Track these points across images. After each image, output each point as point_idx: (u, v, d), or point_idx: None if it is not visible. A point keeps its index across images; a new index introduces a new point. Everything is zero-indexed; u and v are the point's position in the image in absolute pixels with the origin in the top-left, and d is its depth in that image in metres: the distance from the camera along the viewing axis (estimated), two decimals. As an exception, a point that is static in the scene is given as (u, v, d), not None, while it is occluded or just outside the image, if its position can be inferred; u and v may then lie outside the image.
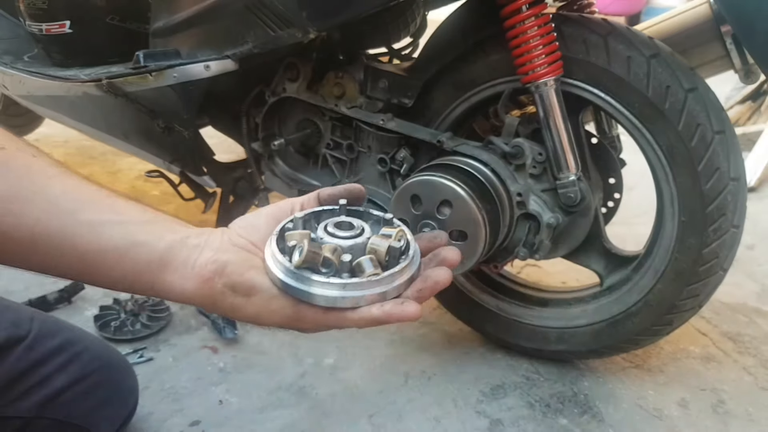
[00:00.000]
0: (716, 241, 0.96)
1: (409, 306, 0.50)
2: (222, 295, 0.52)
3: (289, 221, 0.55)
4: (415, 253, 0.54)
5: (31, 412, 0.77)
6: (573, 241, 1.08)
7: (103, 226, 0.52)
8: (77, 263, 0.52)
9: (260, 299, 0.52)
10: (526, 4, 0.91)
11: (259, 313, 0.52)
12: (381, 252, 0.51)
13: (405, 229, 0.55)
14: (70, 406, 0.81)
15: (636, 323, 1.06)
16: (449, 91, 1.09)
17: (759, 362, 1.25)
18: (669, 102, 0.91)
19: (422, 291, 0.52)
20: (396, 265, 0.51)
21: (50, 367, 0.79)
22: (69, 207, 0.51)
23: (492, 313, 1.22)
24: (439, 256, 0.56)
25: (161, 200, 1.98)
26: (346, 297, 0.49)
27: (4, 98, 2.10)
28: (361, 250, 0.52)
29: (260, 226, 0.56)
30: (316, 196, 0.59)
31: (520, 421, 1.05)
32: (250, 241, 0.55)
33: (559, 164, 0.98)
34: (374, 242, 0.52)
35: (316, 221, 0.57)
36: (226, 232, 0.56)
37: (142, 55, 1.10)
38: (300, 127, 1.26)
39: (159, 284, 0.53)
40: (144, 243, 0.52)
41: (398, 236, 0.54)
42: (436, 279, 0.53)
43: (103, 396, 0.85)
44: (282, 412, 1.04)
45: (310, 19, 0.95)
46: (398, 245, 0.52)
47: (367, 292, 0.49)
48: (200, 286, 0.52)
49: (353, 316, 0.50)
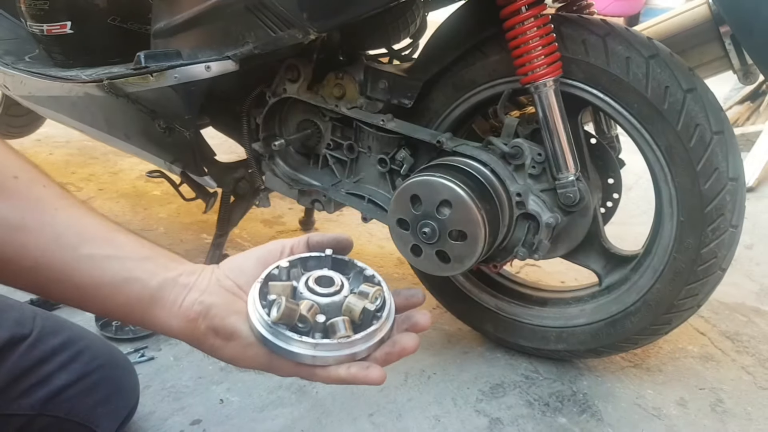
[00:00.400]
0: (715, 241, 0.96)
1: (374, 372, 0.54)
2: (204, 336, 0.56)
3: (275, 267, 0.58)
4: (389, 314, 0.57)
5: (33, 410, 0.78)
6: (572, 241, 1.08)
7: (101, 260, 0.55)
8: (74, 294, 0.55)
9: (238, 345, 0.55)
10: (525, 5, 0.91)
11: (236, 357, 0.56)
12: (356, 312, 0.55)
13: (384, 287, 0.58)
14: (72, 404, 0.82)
15: (635, 323, 1.07)
16: (449, 92, 1.09)
17: (757, 361, 1.25)
18: (668, 102, 0.92)
19: (390, 355, 0.56)
20: (369, 326, 0.55)
21: (52, 365, 0.81)
22: (72, 241, 0.54)
23: (491, 313, 1.23)
24: (411, 320, 0.60)
25: (162, 200, 1.98)
26: (317, 356, 0.53)
27: (6, 99, 2.10)
28: (336, 309, 0.55)
29: (248, 270, 0.59)
30: (306, 241, 0.62)
31: (519, 419, 1.05)
32: (236, 284, 0.58)
33: (558, 164, 0.98)
34: (350, 302, 0.55)
35: (302, 267, 0.60)
36: (215, 271, 0.59)
37: (143, 56, 1.10)
38: (300, 127, 1.26)
39: (148, 319, 0.56)
40: (138, 279, 0.55)
41: (375, 296, 0.56)
42: (403, 345, 0.56)
43: (104, 393, 0.86)
44: (282, 411, 1.05)
45: (311, 20, 0.95)
46: (372, 307, 0.55)
47: (337, 354, 0.53)
48: (185, 326, 0.56)
49: (322, 373, 0.54)
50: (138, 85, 1.15)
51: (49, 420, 0.79)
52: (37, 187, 0.56)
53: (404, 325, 0.59)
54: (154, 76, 1.11)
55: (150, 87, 1.13)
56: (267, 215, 1.90)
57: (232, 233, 1.68)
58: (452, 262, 1.00)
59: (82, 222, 0.56)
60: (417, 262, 1.05)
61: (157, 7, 1.16)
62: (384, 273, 1.57)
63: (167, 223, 1.81)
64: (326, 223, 1.88)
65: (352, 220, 1.89)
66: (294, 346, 0.52)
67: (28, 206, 0.54)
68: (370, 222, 1.22)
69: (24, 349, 0.78)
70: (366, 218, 1.22)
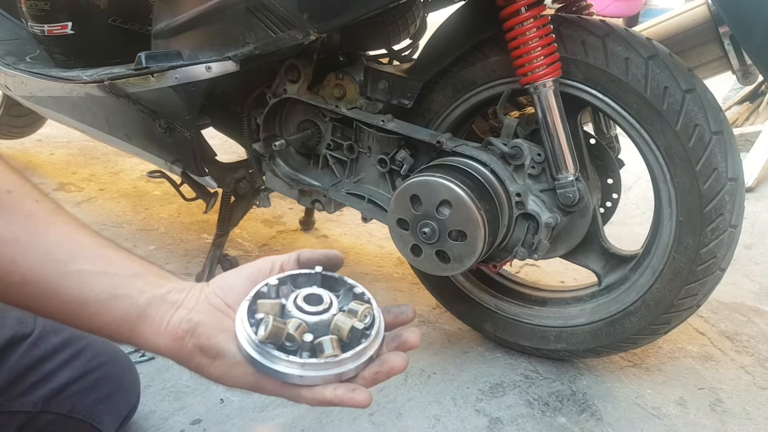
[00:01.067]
0: (714, 241, 0.96)
1: (360, 394, 0.53)
2: (191, 354, 0.55)
3: (264, 285, 0.57)
4: (378, 332, 0.56)
5: (36, 407, 0.79)
6: (571, 241, 1.08)
7: (90, 276, 0.54)
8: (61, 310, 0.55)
9: (225, 364, 0.55)
10: (525, 6, 0.92)
11: (222, 376, 0.56)
12: (344, 331, 0.54)
13: (373, 305, 0.58)
14: (75, 401, 0.82)
15: (634, 322, 1.07)
16: (449, 92, 1.09)
17: (757, 361, 1.25)
18: (667, 103, 0.92)
19: (378, 374, 0.55)
20: (357, 345, 0.54)
21: (54, 362, 0.81)
22: (61, 257, 0.54)
23: (491, 313, 1.23)
24: (400, 338, 0.59)
25: (163, 200, 1.99)
26: (304, 376, 0.52)
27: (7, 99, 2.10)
28: (325, 328, 0.55)
29: (237, 287, 0.58)
30: (296, 258, 0.62)
31: (518, 419, 1.06)
32: (225, 302, 0.57)
33: (557, 164, 0.98)
34: (339, 320, 0.55)
35: (292, 284, 0.60)
36: (205, 289, 0.58)
37: (143, 57, 1.10)
38: (301, 127, 1.26)
39: (135, 337, 0.56)
40: (125, 297, 0.55)
41: (364, 314, 0.56)
42: (392, 365, 0.55)
43: (106, 391, 0.87)
44: (282, 411, 1.05)
45: (311, 21, 0.96)
46: (360, 326, 0.55)
47: (324, 373, 0.52)
48: (172, 344, 0.55)
49: (308, 394, 0.53)
50: (139, 86, 1.16)
51: (51, 417, 0.80)
52: (29, 202, 0.55)
53: (394, 343, 0.59)
54: (155, 77, 1.11)
55: (151, 87, 1.13)
56: (267, 215, 1.91)
57: (233, 233, 1.68)
58: (452, 262, 1.00)
59: (73, 237, 0.56)
60: (417, 262, 1.05)
61: (158, 7, 1.17)
62: (384, 273, 1.57)
63: (168, 223, 1.81)
64: (326, 223, 1.88)
65: (352, 220, 1.90)
66: (280, 366, 0.52)
67: (19, 221, 0.53)
68: (370, 222, 1.23)
69: (26, 348, 0.79)
70: (366, 218, 1.22)
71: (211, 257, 1.42)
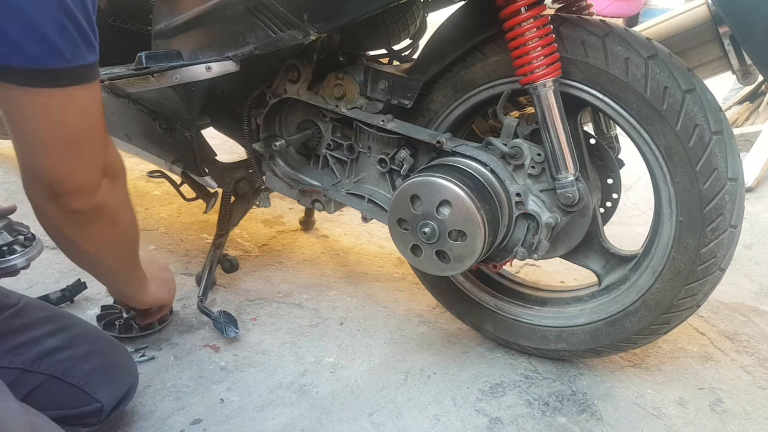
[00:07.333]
0: (714, 241, 0.96)
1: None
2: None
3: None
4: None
5: (24, 365, 0.83)
6: (571, 241, 1.08)
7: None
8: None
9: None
10: (525, 6, 0.92)
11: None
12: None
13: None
14: (66, 366, 0.86)
15: (634, 322, 1.07)
16: (448, 92, 1.09)
17: (757, 361, 1.25)
18: (667, 103, 0.92)
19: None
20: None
21: (39, 331, 0.87)
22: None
23: (491, 312, 1.23)
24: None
25: (163, 200, 1.99)
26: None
27: (6, 99, 2.10)
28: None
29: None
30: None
31: (518, 419, 1.06)
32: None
33: (557, 164, 0.98)
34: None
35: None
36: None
37: (144, 57, 1.10)
38: (301, 127, 1.26)
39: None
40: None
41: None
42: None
43: (99, 363, 0.90)
44: (283, 411, 1.05)
45: (311, 21, 0.96)
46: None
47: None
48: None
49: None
50: (139, 86, 1.16)
51: (43, 378, 0.84)
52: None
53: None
54: (155, 77, 1.11)
55: (151, 87, 1.13)
56: (267, 215, 1.91)
57: (233, 233, 1.68)
58: (452, 262, 1.00)
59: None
60: (417, 262, 1.05)
61: (158, 8, 1.17)
62: (384, 273, 1.57)
63: (168, 223, 1.81)
64: (326, 223, 1.88)
65: (352, 220, 1.90)
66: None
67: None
68: (370, 222, 1.23)
69: (9, 315, 0.85)
70: (366, 218, 1.22)
71: (211, 257, 1.42)
